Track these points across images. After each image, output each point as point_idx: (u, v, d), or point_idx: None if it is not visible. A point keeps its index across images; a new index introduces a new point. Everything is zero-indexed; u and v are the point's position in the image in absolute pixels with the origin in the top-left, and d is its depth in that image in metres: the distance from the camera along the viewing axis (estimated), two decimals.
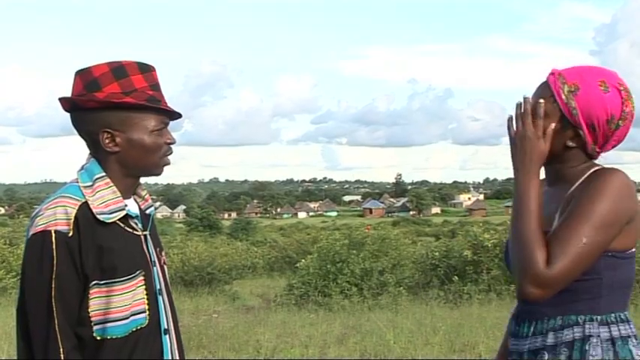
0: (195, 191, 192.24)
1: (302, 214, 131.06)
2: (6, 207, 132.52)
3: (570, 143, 1.69)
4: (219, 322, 8.81)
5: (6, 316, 8.39)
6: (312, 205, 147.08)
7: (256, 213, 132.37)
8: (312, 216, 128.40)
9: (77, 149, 1.85)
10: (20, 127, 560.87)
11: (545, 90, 1.71)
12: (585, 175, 1.68)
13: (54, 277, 1.62)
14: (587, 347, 1.60)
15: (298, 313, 9.87)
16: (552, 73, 1.72)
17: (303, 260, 13.19)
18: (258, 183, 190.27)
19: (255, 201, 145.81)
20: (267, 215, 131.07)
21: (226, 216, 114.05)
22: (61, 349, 1.61)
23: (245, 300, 13.56)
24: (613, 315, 1.63)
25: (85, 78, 1.75)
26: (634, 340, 1.62)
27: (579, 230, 1.55)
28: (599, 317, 1.62)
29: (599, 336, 1.60)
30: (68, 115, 1.82)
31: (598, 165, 1.72)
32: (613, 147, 1.72)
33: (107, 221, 1.71)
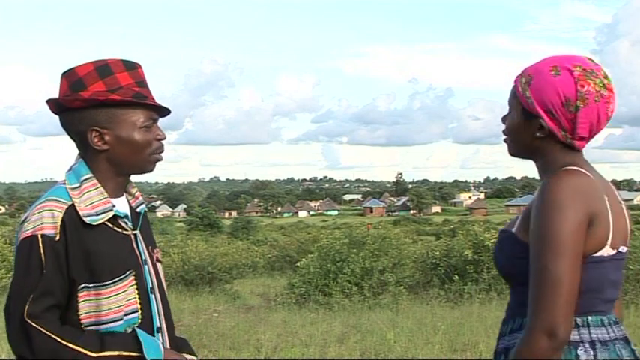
0: (196, 190, 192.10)
1: (302, 214, 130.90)
2: (6, 206, 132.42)
3: (538, 134, 1.67)
4: (219, 321, 8.81)
5: None
6: (312, 204, 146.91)
7: (257, 212, 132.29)
8: (312, 215, 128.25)
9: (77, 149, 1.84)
10: (21, 126, 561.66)
11: (511, 88, 1.75)
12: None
13: (42, 280, 1.62)
14: None
15: (299, 313, 9.87)
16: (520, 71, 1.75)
17: (303, 259, 13.19)
18: (258, 182, 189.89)
19: (255, 200, 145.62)
20: (268, 214, 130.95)
21: (227, 215, 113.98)
22: (56, 335, 1.59)
23: (245, 299, 13.55)
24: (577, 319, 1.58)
25: (70, 78, 1.75)
26: (586, 346, 1.57)
27: (541, 262, 1.51)
28: None
29: None
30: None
31: (571, 164, 1.65)
32: (590, 132, 1.65)
33: (94, 223, 1.69)
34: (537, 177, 1.76)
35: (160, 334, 1.80)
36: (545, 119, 1.64)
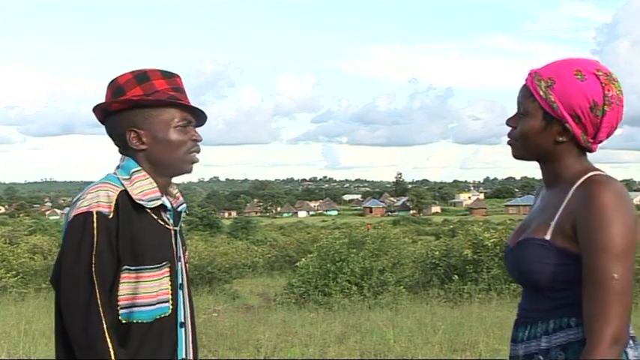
0: (196, 190, 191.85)
1: (302, 213, 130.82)
2: (6, 206, 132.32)
3: (560, 138, 1.66)
4: (219, 321, 8.80)
5: (5, 315, 8.39)
6: (312, 204, 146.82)
7: (256, 212, 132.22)
8: (312, 215, 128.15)
9: (77, 149, 1.91)
10: (20, 126, 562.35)
11: (524, 91, 1.72)
12: (579, 182, 1.64)
13: (94, 253, 1.69)
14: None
15: (298, 312, 9.87)
16: (529, 74, 1.72)
17: (303, 259, 13.21)
18: (258, 182, 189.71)
19: (255, 200, 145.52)
20: (268, 214, 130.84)
21: (226, 215, 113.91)
22: (104, 321, 1.66)
23: (245, 299, 13.56)
24: None
25: (112, 87, 1.88)
26: (631, 343, 1.59)
27: (606, 270, 1.51)
28: None
29: None
30: (69, 114, 1.88)
31: (593, 169, 1.67)
32: (607, 135, 1.68)
33: (146, 206, 1.79)
34: (537, 177, 1.76)
35: (183, 329, 1.87)
36: (572, 124, 1.65)
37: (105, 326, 1.66)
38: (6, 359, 6.07)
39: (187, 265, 2.00)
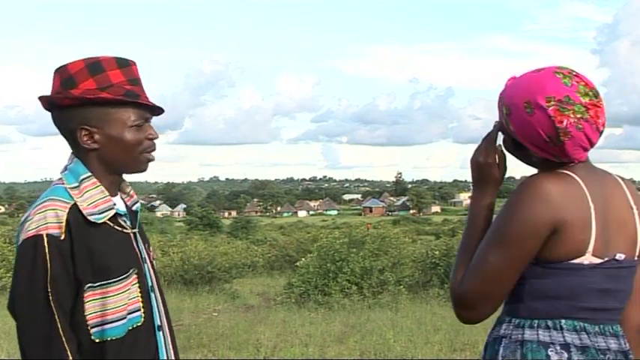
0: (196, 190, 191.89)
1: (302, 213, 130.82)
2: (6, 205, 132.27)
3: (534, 158, 1.66)
4: (219, 320, 8.80)
5: (5, 315, 8.38)
6: (312, 203, 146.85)
7: (256, 212, 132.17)
8: (312, 215, 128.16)
9: None
10: (20, 126, 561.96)
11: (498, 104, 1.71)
12: None
13: (49, 280, 1.59)
14: (497, 347, 1.63)
15: (298, 312, 9.87)
16: (501, 92, 1.69)
17: (303, 259, 13.19)
18: (258, 182, 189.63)
19: (255, 200, 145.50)
20: (267, 214, 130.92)
21: (226, 215, 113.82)
22: (68, 350, 1.58)
23: (245, 299, 13.54)
24: (537, 321, 1.58)
25: (62, 75, 1.72)
26: (557, 348, 1.55)
27: (485, 249, 1.59)
28: (517, 320, 1.61)
29: (510, 337, 1.61)
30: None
31: (555, 170, 1.62)
32: (587, 150, 1.60)
33: (98, 221, 1.68)
34: None
35: (161, 332, 1.80)
36: (535, 151, 1.62)
37: (70, 357, 1.58)
38: (6, 359, 6.06)
39: (155, 262, 1.90)
